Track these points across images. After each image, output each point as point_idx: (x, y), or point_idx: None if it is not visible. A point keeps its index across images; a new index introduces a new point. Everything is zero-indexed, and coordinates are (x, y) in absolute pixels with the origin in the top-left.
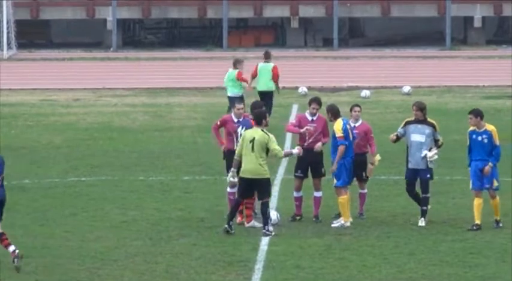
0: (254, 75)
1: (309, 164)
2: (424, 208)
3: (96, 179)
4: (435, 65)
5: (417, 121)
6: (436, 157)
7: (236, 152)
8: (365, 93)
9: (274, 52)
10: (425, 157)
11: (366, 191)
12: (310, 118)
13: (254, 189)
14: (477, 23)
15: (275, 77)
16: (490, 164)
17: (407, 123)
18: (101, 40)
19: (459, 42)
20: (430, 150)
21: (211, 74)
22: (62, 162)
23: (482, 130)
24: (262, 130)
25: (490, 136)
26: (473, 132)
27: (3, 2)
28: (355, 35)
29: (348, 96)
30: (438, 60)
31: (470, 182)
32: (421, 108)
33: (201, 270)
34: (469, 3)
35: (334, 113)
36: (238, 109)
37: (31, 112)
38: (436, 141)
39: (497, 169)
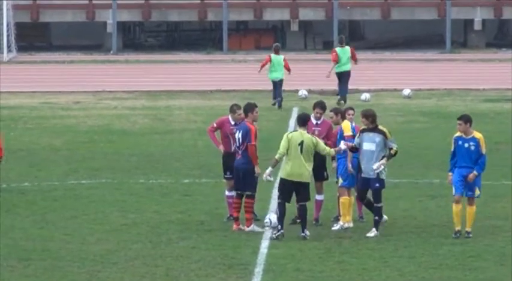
0: (336, 60)
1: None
2: (376, 218)
3: (96, 182)
4: (435, 68)
5: (369, 129)
6: (382, 167)
7: (280, 152)
8: (365, 96)
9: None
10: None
11: None
12: (314, 122)
13: (295, 191)
14: (477, 26)
15: (354, 58)
16: (475, 172)
17: (361, 131)
18: (101, 43)
19: (459, 45)
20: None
21: (212, 77)
22: (62, 165)
23: (469, 137)
24: (309, 133)
25: (477, 144)
26: (459, 138)
27: (4, 5)
28: (355, 38)
29: (347, 99)
30: (438, 63)
31: (453, 188)
32: (365, 115)
33: (201, 273)
34: (469, 6)
35: (343, 114)
36: (239, 115)
37: (31, 115)
38: (389, 149)
39: (480, 178)
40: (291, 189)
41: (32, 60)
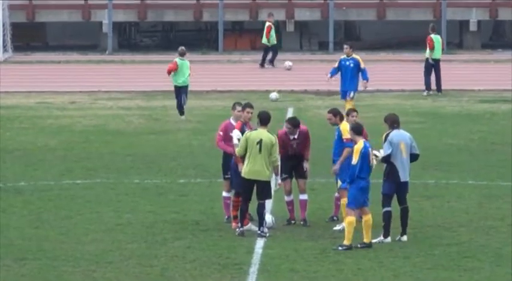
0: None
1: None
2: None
3: (91, 181)
4: None
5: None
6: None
7: (237, 151)
8: (275, 95)
9: (269, 55)
10: None
11: None
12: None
13: (256, 190)
14: (473, 27)
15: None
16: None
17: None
18: (97, 43)
19: (455, 46)
20: None
21: (207, 77)
22: (58, 165)
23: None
24: (269, 131)
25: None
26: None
27: None
28: (350, 38)
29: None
30: None
31: None
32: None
33: (195, 273)
34: (464, 7)
35: (341, 116)
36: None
37: (27, 115)
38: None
39: (351, 189)
40: (250, 188)
41: (27, 60)
